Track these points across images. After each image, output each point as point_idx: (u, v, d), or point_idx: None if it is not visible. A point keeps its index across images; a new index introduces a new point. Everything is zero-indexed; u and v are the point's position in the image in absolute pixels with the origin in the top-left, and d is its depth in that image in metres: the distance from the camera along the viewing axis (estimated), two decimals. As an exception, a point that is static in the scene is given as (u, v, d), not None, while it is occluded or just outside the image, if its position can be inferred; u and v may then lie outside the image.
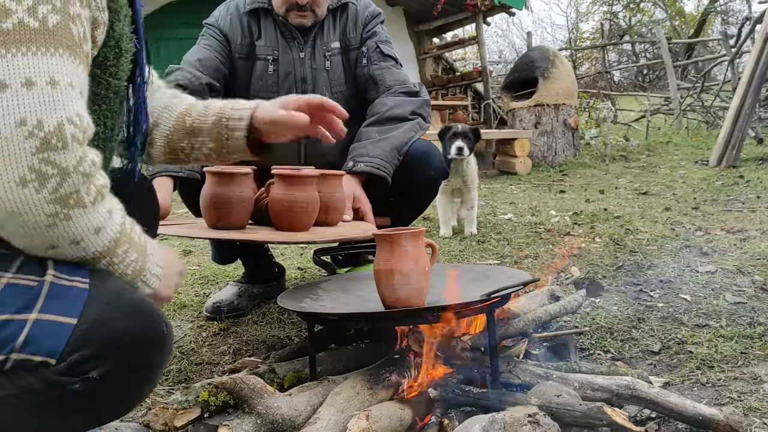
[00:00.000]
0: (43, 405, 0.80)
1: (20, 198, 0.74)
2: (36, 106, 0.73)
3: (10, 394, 0.78)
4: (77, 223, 0.79)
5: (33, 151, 0.73)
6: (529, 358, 1.61)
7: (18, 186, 0.73)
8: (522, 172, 6.63)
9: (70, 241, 0.80)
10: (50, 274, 0.81)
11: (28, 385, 0.78)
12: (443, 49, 9.56)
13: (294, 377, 1.44)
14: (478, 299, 1.29)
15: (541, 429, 1.06)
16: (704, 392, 1.47)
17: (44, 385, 0.78)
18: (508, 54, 18.36)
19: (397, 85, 2.00)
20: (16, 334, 0.76)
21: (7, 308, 0.77)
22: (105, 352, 0.80)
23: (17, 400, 0.79)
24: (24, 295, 0.78)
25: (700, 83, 9.79)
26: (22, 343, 0.76)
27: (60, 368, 0.78)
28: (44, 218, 0.76)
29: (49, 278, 0.80)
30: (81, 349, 0.78)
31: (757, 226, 3.25)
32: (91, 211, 0.80)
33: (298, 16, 1.95)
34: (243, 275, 2.32)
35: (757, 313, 1.94)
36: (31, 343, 0.76)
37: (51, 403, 0.80)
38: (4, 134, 0.72)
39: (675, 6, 17.18)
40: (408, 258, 1.29)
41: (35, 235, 0.77)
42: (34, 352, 0.77)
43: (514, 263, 2.75)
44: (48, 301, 0.79)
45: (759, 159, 6.04)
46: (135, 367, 0.84)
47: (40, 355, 0.77)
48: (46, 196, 0.75)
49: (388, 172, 1.82)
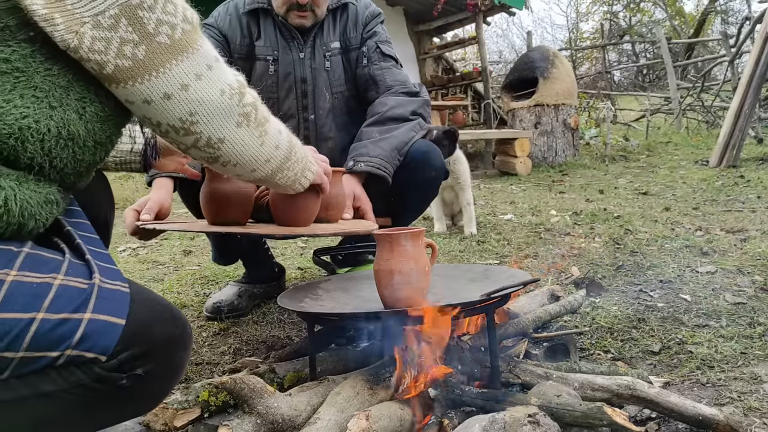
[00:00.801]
0: (91, 399, 0.86)
1: (240, 135, 1.01)
2: (221, 77, 0.97)
3: (62, 389, 0.83)
4: (271, 129, 1.07)
5: (237, 103, 0.99)
6: (529, 358, 1.61)
7: (237, 127, 1.00)
8: (522, 172, 6.63)
9: (274, 146, 1.08)
10: (97, 277, 0.87)
11: (79, 380, 0.84)
12: (443, 49, 9.56)
13: (294, 377, 1.44)
14: (478, 299, 1.29)
15: (541, 429, 1.06)
16: (704, 392, 1.47)
17: (95, 380, 0.84)
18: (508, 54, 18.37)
19: (397, 85, 1.99)
20: (73, 332, 0.81)
21: (64, 307, 0.82)
22: (150, 352, 0.88)
23: (68, 395, 0.84)
24: (78, 296, 0.84)
25: (700, 83, 9.79)
26: (78, 341, 0.82)
27: (111, 365, 0.84)
28: (256, 138, 1.03)
29: (96, 281, 0.87)
30: (130, 347, 0.85)
31: (757, 226, 3.25)
32: (272, 120, 1.09)
33: (298, 17, 1.95)
34: (243, 275, 2.32)
35: (757, 313, 1.94)
36: (86, 341, 0.82)
37: (99, 397, 0.86)
38: (216, 102, 0.96)
39: (675, 6, 17.19)
40: (408, 258, 1.29)
41: (259, 155, 1.05)
42: (88, 348, 0.83)
43: (514, 263, 2.75)
44: (98, 302, 0.85)
45: (759, 159, 6.05)
46: (170, 366, 0.93)
47: (94, 351, 0.83)
48: (252, 124, 1.02)
49: (389, 172, 1.82)
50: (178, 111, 0.94)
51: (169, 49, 0.91)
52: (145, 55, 0.89)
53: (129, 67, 0.89)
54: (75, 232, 0.97)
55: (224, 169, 1.06)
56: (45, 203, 0.90)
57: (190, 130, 0.97)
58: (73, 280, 0.86)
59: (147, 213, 1.53)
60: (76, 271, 0.87)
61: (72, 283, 0.85)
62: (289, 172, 1.17)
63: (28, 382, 0.82)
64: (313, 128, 2.04)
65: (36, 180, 0.89)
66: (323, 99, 2.03)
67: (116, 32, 0.87)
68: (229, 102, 0.98)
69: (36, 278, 0.83)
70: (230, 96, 0.98)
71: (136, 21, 0.87)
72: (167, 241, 3.55)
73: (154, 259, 3.10)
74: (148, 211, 1.54)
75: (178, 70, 0.92)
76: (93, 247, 0.96)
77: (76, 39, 0.85)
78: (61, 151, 0.90)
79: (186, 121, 0.95)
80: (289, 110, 2.02)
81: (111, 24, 0.86)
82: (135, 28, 0.88)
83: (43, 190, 0.90)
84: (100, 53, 0.87)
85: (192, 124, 0.96)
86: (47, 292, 0.82)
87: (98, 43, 0.86)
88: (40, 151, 0.87)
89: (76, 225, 1.00)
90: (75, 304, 0.83)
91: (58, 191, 0.93)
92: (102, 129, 0.95)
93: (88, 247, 0.95)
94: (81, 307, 0.83)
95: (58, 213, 0.95)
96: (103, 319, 0.84)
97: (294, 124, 2.02)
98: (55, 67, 0.88)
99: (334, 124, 2.06)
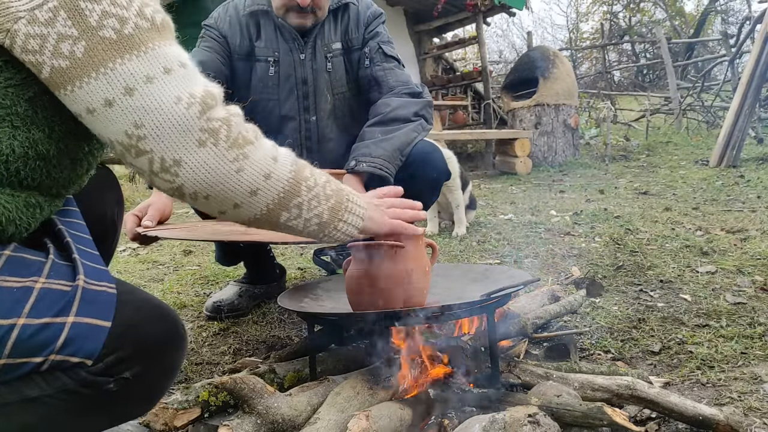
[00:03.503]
0: (78, 404, 0.83)
1: (202, 157, 0.81)
2: (181, 84, 0.81)
3: (47, 394, 0.80)
4: (255, 157, 0.86)
5: (198, 115, 0.81)
6: (529, 358, 1.62)
7: (198, 147, 0.81)
8: (522, 172, 6.63)
9: (262, 175, 0.87)
10: (81, 279, 0.83)
11: (64, 386, 0.81)
12: (443, 49, 9.56)
13: (294, 377, 1.44)
14: (479, 299, 1.29)
15: (541, 429, 1.06)
16: (704, 392, 1.47)
17: (80, 384, 0.81)
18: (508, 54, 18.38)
19: (400, 86, 1.99)
20: (56, 336, 0.78)
21: (45, 312, 0.79)
22: (137, 354, 0.84)
23: (53, 400, 0.81)
24: (60, 299, 0.81)
25: (700, 83, 9.79)
26: (61, 345, 0.78)
27: (97, 369, 0.81)
28: (231, 165, 0.83)
29: (80, 283, 0.83)
30: (116, 351, 0.82)
31: (757, 226, 3.25)
32: (259, 144, 0.88)
33: (298, 17, 1.94)
34: (244, 275, 2.32)
35: (757, 313, 1.94)
36: (70, 345, 0.79)
37: (86, 402, 0.83)
38: (168, 112, 0.79)
39: (675, 6, 17.18)
40: (408, 258, 1.29)
41: (237, 185, 0.85)
42: (73, 353, 0.79)
43: (514, 263, 2.75)
44: (82, 304, 0.81)
45: (759, 159, 6.04)
46: (161, 367, 0.89)
47: (78, 356, 0.80)
48: (222, 145, 0.83)
49: (390, 173, 1.82)
50: (122, 121, 0.78)
51: (114, 46, 0.77)
52: (84, 52, 0.76)
53: (66, 67, 0.76)
54: (66, 231, 0.93)
55: (198, 204, 0.87)
56: (26, 207, 0.86)
57: (140, 149, 0.80)
58: (55, 282, 0.82)
59: (149, 221, 1.53)
60: (59, 273, 0.83)
61: (54, 285, 0.81)
62: (307, 213, 0.94)
63: (12, 388, 0.79)
64: (314, 130, 2.04)
65: (11, 188, 0.84)
66: (324, 100, 2.02)
67: (53, 27, 0.74)
68: (185, 113, 0.80)
69: (16, 282, 0.79)
70: (188, 106, 0.80)
71: (77, 13, 0.75)
72: (167, 241, 3.55)
73: (154, 259, 3.10)
74: (149, 219, 1.54)
75: (122, 70, 0.77)
76: (83, 246, 0.92)
77: (8, 38, 0.74)
78: (32, 171, 0.83)
79: (132, 135, 0.79)
80: (290, 112, 2.01)
81: (48, 18, 0.74)
82: (75, 21, 0.75)
83: (23, 194, 0.85)
84: (34, 53, 0.75)
85: (140, 139, 0.79)
86: (28, 297, 0.78)
87: (32, 41, 0.75)
88: (5, 172, 0.81)
89: (69, 224, 0.97)
90: (57, 308, 0.79)
91: (40, 195, 0.88)
92: (78, 146, 0.88)
93: (78, 246, 0.91)
94: (64, 310, 0.80)
95: (44, 216, 0.91)
96: (87, 322, 0.80)
97: (295, 126, 2.02)
98: (17, 77, 0.78)
99: (335, 125, 2.06)
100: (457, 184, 3.51)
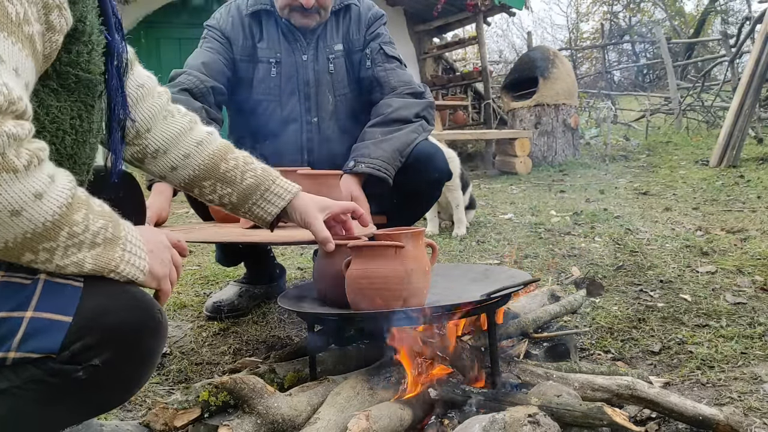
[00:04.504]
0: (48, 394, 0.81)
1: None
2: None
3: (15, 385, 0.80)
4: (12, 189, 0.71)
5: None
6: (529, 358, 1.62)
7: None
8: (522, 172, 6.63)
9: (9, 212, 0.72)
10: (42, 272, 0.82)
11: (32, 376, 0.80)
12: (443, 49, 9.56)
13: (294, 377, 1.44)
14: (479, 299, 1.30)
15: (541, 429, 1.06)
16: (704, 392, 1.47)
17: (48, 374, 0.80)
18: (508, 54, 18.37)
19: (402, 86, 1.99)
20: (13, 332, 0.77)
21: (2, 306, 0.77)
22: (106, 341, 0.82)
23: (22, 391, 0.80)
24: (19, 294, 0.79)
25: (700, 83, 9.79)
26: (19, 341, 0.77)
27: (63, 357, 0.80)
28: None
29: (42, 276, 0.81)
30: (83, 338, 0.80)
31: (757, 226, 3.25)
32: (26, 175, 0.73)
33: (302, 17, 1.94)
34: (244, 275, 2.32)
35: (757, 313, 1.94)
36: (29, 341, 0.78)
37: (55, 391, 0.82)
38: None
39: (675, 6, 17.19)
40: (408, 258, 1.29)
41: None
42: (32, 350, 0.78)
43: (514, 263, 2.75)
44: (43, 298, 0.80)
45: (759, 159, 6.04)
46: (134, 354, 0.86)
47: (37, 353, 0.78)
48: None
49: (389, 174, 1.82)
50: None
51: None
52: None
53: None
54: None
55: None
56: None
57: None
58: (14, 276, 0.80)
59: (147, 223, 1.54)
60: (20, 265, 0.80)
61: (14, 279, 0.79)
62: (61, 260, 0.80)
63: None
64: (316, 131, 2.03)
65: None
66: (326, 101, 2.02)
67: None
68: None
69: None
70: None
71: None
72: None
73: (155, 259, 3.09)
74: (147, 221, 1.54)
75: None
76: None
77: None
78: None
79: None
80: (292, 113, 2.01)
81: None
82: None
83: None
84: None
85: None
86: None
87: None
88: None
89: None
90: (15, 302, 0.78)
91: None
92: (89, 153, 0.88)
93: None
94: (22, 305, 0.78)
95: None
96: (45, 317, 0.79)
97: (297, 127, 2.02)
98: None
99: (337, 126, 2.05)
100: (457, 184, 3.51)
